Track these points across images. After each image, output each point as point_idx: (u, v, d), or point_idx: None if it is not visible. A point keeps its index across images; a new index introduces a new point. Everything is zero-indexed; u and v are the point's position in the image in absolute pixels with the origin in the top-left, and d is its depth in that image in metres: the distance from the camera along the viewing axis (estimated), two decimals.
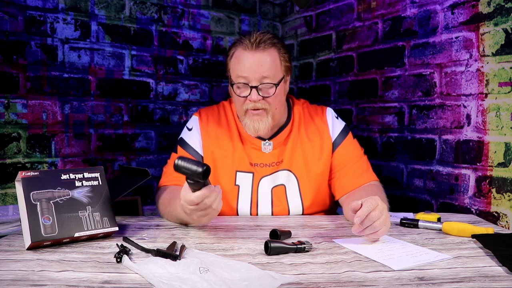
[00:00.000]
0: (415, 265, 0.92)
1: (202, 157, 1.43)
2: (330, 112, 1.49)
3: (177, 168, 1.02)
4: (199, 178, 1.00)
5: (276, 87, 1.34)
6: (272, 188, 1.41)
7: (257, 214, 1.42)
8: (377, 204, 1.04)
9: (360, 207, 1.04)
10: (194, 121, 1.48)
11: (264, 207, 1.41)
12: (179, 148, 1.44)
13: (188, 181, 1.03)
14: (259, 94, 1.32)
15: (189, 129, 1.47)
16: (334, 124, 1.46)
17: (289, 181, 1.42)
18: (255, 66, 1.31)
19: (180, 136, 1.47)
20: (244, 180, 1.41)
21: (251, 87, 1.32)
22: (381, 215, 1.04)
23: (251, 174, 1.41)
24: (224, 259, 0.91)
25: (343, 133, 1.45)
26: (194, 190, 1.04)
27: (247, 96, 1.33)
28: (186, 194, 1.05)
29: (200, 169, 0.99)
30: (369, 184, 1.40)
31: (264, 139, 1.42)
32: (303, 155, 1.42)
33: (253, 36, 1.33)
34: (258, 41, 1.32)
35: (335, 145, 1.44)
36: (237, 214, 1.41)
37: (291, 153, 1.42)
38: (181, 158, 1.03)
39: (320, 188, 1.44)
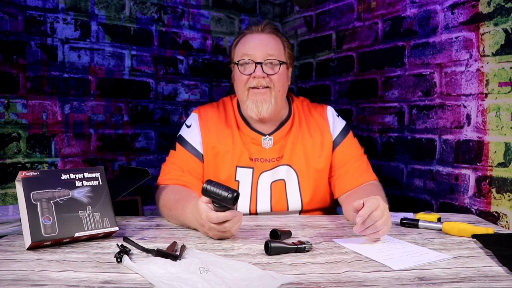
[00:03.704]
0: (415, 265, 0.92)
1: (202, 154, 1.42)
2: (330, 110, 1.49)
3: (206, 193, 1.03)
4: (228, 204, 1.01)
5: (280, 65, 1.38)
6: (272, 183, 1.41)
7: (256, 210, 1.42)
8: (378, 204, 1.04)
9: (362, 207, 1.04)
10: (193, 118, 1.47)
11: (263, 202, 1.41)
12: (177, 146, 1.44)
13: (215, 204, 1.04)
14: (263, 71, 1.35)
15: (188, 126, 1.46)
16: (335, 122, 1.46)
17: (289, 177, 1.42)
18: (261, 44, 1.37)
19: (179, 134, 1.47)
20: (244, 175, 1.41)
21: (256, 64, 1.35)
22: (383, 215, 1.04)
23: (251, 170, 1.41)
24: (225, 259, 0.91)
25: (344, 132, 1.46)
26: (216, 210, 1.05)
27: (251, 73, 1.35)
28: (208, 212, 1.05)
29: (230, 195, 1.00)
30: (369, 184, 1.40)
31: (264, 135, 1.42)
32: (304, 151, 1.42)
33: (259, 24, 1.44)
34: (263, 25, 1.42)
35: (335, 143, 1.44)
36: (236, 210, 1.41)
37: (292, 149, 1.42)
38: (210, 182, 1.03)
39: (320, 184, 1.44)
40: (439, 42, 1.60)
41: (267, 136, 1.42)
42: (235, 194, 1.01)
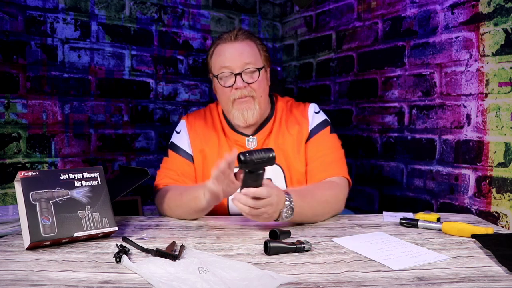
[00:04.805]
0: (414, 265, 0.92)
1: (192, 156, 1.44)
2: (312, 107, 1.48)
3: (248, 162, 1.07)
4: (272, 163, 1.09)
5: (259, 72, 1.37)
6: None
7: None
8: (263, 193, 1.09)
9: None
10: (182, 124, 1.50)
11: None
12: (170, 152, 1.46)
13: (249, 174, 1.09)
14: (243, 81, 1.35)
15: (178, 132, 1.49)
16: (314, 117, 1.45)
17: (276, 174, 1.41)
18: (236, 54, 1.36)
19: (171, 141, 1.50)
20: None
21: (235, 75, 1.35)
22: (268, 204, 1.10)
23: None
24: (224, 259, 0.91)
25: (321, 125, 1.43)
26: (244, 185, 1.11)
27: (232, 85, 1.35)
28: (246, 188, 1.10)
29: (273, 153, 1.08)
30: (328, 181, 1.35)
31: (247, 135, 1.43)
32: (284, 148, 1.42)
33: (230, 31, 1.42)
34: (235, 33, 1.39)
35: (310, 135, 1.43)
36: (228, 210, 1.41)
37: (275, 147, 1.42)
38: (244, 153, 1.07)
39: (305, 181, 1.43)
40: (439, 42, 1.60)
41: (250, 136, 1.43)
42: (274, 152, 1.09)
